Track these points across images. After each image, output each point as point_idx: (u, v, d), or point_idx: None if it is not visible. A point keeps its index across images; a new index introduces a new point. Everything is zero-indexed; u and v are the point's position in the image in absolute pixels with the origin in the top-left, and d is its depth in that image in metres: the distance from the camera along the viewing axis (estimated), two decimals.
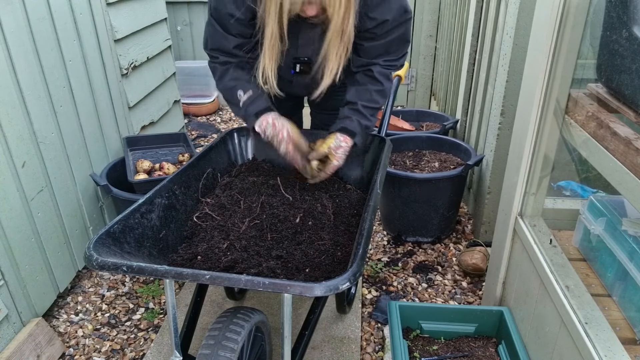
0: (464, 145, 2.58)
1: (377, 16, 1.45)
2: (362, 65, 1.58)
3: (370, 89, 1.57)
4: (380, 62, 1.56)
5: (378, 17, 1.45)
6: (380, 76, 1.56)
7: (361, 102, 1.55)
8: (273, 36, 1.38)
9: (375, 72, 1.56)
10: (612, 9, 1.21)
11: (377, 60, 1.56)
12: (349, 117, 1.55)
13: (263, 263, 1.29)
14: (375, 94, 1.57)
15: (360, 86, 1.58)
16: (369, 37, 1.51)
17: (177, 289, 2.24)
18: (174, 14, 4.61)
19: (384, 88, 1.58)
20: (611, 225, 1.52)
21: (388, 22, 1.47)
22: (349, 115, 1.56)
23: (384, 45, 1.53)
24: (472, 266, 2.25)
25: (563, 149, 1.60)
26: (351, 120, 1.55)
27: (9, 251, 1.77)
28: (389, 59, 1.57)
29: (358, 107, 1.55)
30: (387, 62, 1.57)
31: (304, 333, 1.44)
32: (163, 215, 1.43)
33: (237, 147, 1.84)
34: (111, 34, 2.49)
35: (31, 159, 1.89)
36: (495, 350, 1.67)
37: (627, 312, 1.41)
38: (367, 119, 1.56)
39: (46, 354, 1.84)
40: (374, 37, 1.51)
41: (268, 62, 1.44)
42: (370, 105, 1.57)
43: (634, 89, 1.12)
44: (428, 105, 4.36)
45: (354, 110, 1.56)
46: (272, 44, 1.40)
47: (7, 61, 1.77)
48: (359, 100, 1.56)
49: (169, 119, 3.34)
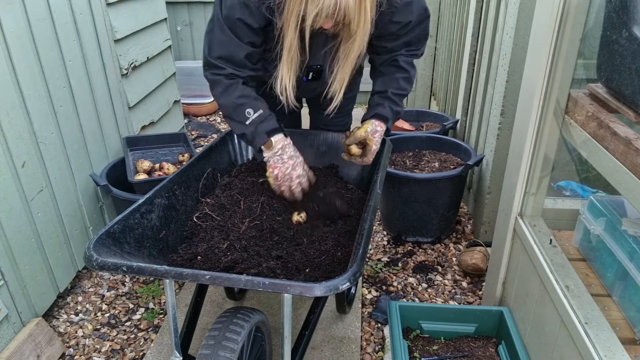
0: (464, 145, 2.58)
1: (401, 19, 1.49)
2: (384, 60, 1.63)
3: (397, 77, 1.62)
4: (403, 52, 1.61)
5: (402, 20, 1.49)
6: (405, 64, 1.62)
7: (391, 89, 1.61)
8: (292, 48, 1.36)
9: (401, 61, 1.61)
10: (612, 9, 1.21)
11: (400, 51, 1.61)
12: (381, 104, 1.61)
13: (263, 263, 1.29)
14: (402, 81, 1.62)
15: (387, 75, 1.63)
16: (392, 38, 1.55)
17: (177, 289, 2.24)
18: (174, 14, 4.61)
19: (410, 75, 1.64)
20: (611, 225, 1.52)
21: (411, 22, 1.51)
22: (381, 102, 1.61)
23: (406, 41, 1.58)
24: (472, 266, 2.25)
25: (563, 149, 1.60)
26: (383, 107, 1.60)
27: (9, 251, 1.77)
28: (411, 49, 1.62)
29: (388, 94, 1.61)
30: (409, 51, 1.62)
31: (304, 333, 1.44)
32: (163, 216, 1.43)
33: (237, 147, 1.84)
34: (111, 34, 2.49)
35: (31, 159, 1.89)
36: (495, 350, 1.67)
37: (627, 312, 1.41)
38: (398, 104, 1.63)
39: (46, 354, 1.84)
40: (397, 37, 1.55)
41: (286, 73, 1.42)
42: (399, 92, 1.62)
43: (634, 89, 1.12)
44: (428, 105, 4.36)
45: (385, 98, 1.61)
46: (291, 56, 1.38)
47: (7, 61, 1.77)
48: (389, 88, 1.61)
49: (169, 119, 3.34)
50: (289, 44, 1.35)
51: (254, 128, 1.47)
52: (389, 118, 1.61)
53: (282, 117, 2.00)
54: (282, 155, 1.50)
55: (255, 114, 1.47)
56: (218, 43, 1.46)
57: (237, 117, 1.48)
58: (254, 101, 1.49)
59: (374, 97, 1.65)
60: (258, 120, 1.47)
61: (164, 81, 3.20)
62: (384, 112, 1.60)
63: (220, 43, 1.45)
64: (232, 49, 1.44)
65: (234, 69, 1.47)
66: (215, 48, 1.46)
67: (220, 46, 1.46)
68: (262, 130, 1.47)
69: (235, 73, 1.47)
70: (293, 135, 1.82)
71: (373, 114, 1.60)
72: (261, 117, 1.48)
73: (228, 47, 1.45)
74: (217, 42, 1.46)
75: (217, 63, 1.47)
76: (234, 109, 1.48)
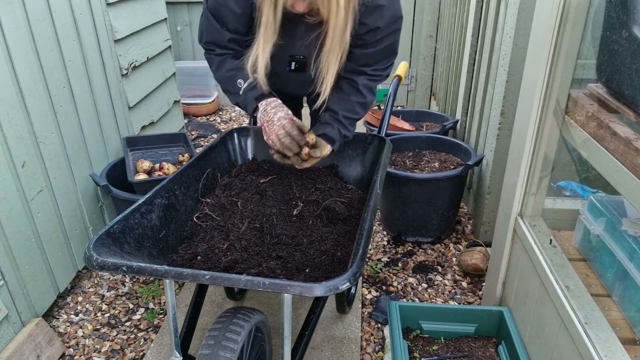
0: (464, 146, 2.58)
1: (370, 22, 1.45)
2: (349, 71, 1.58)
3: (352, 100, 1.58)
4: (367, 71, 1.57)
5: (370, 23, 1.45)
6: (364, 89, 1.58)
7: (342, 112, 1.57)
8: (268, 25, 1.38)
9: (360, 85, 1.57)
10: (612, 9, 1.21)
11: (364, 68, 1.56)
12: (331, 125, 1.57)
13: (263, 263, 1.29)
14: (357, 105, 1.59)
15: (344, 95, 1.59)
16: (359, 43, 1.51)
17: (177, 289, 2.24)
18: (174, 14, 4.61)
19: (366, 101, 1.60)
20: (611, 225, 1.52)
21: (379, 29, 1.47)
22: (330, 122, 1.58)
23: (373, 54, 1.54)
24: (472, 266, 2.25)
25: (563, 149, 1.60)
26: (332, 127, 1.57)
27: (9, 251, 1.77)
28: (377, 68, 1.58)
29: (339, 117, 1.58)
30: (374, 71, 1.58)
31: (304, 333, 1.44)
32: (163, 216, 1.43)
33: (237, 147, 1.84)
34: (111, 34, 2.49)
35: (31, 159, 1.89)
36: (495, 350, 1.67)
37: (627, 312, 1.41)
38: (347, 129, 1.59)
39: (46, 354, 1.84)
40: (364, 45, 1.51)
41: (261, 52, 1.44)
42: (350, 115, 1.59)
43: (634, 89, 1.12)
44: (428, 106, 4.36)
45: (335, 120, 1.58)
46: (266, 33, 1.40)
47: (7, 61, 1.77)
48: (340, 110, 1.58)
49: (169, 119, 3.34)
50: (265, 21, 1.38)
51: (244, 96, 1.54)
52: (336, 140, 1.56)
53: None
54: (267, 108, 1.51)
55: (245, 83, 1.53)
56: (205, 30, 1.57)
57: (232, 88, 1.56)
58: (244, 72, 1.52)
59: (325, 115, 1.60)
60: (248, 88, 1.53)
61: (164, 81, 3.20)
62: (331, 134, 1.56)
63: (206, 30, 1.57)
64: (216, 36, 1.55)
65: (222, 50, 1.58)
66: (204, 34, 1.58)
67: (207, 33, 1.57)
68: (251, 96, 1.53)
69: (223, 52, 1.58)
70: None
71: (320, 133, 1.56)
72: (250, 85, 1.53)
73: (212, 34, 1.55)
74: (205, 29, 1.57)
75: (207, 47, 1.60)
76: (227, 81, 1.56)
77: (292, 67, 1.62)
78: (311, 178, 1.69)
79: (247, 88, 1.53)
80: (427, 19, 4.05)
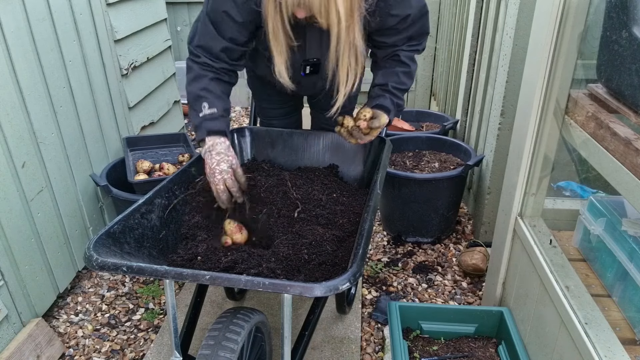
0: (464, 146, 2.58)
1: (400, 12, 1.48)
2: (386, 55, 1.62)
3: (397, 71, 1.61)
4: (404, 47, 1.60)
5: (400, 13, 1.48)
6: (406, 59, 1.61)
7: (391, 83, 1.60)
8: (274, 30, 1.37)
9: (402, 56, 1.60)
10: (612, 9, 1.21)
11: (401, 47, 1.60)
12: (382, 96, 1.60)
13: (263, 263, 1.28)
14: (403, 75, 1.61)
15: (388, 69, 1.62)
16: (391, 32, 1.54)
17: (177, 290, 2.24)
18: (174, 14, 4.61)
19: (411, 70, 1.63)
20: (611, 225, 1.52)
21: (409, 16, 1.51)
22: (382, 94, 1.60)
23: (407, 37, 1.58)
24: (472, 266, 2.25)
25: (563, 149, 1.60)
26: (385, 97, 1.59)
27: (9, 251, 1.77)
28: (411, 44, 1.61)
29: (389, 87, 1.60)
30: (410, 47, 1.62)
31: (304, 333, 1.44)
32: (163, 216, 1.43)
33: (237, 148, 1.84)
34: (111, 34, 2.49)
35: (31, 159, 1.89)
36: (495, 350, 1.67)
37: (627, 313, 1.41)
38: (399, 97, 1.61)
39: (46, 355, 1.84)
40: (397, 32, 1.55)
41: (278, 57, 1.43)
42: (399, 86, 1.61)
43: (634, 89, 1.12)
44: (428, 106, 4.36)
45: (386, 90, 1.60)
46: (275, 38, 1.39)
47: (7, 61, 1.77)
48: (389, 82, 1.60)
49: (169, 119, 3.34)
50: (272, 29, 1.37)
51: (200, 122, 1.50)
52: (391, 109, 1.59)
53: (283, 118, 2.01)
54: (212, 152, 1.46)
55: (208, 110, 1.49)
56: (200, 33, 1.52)
57: (195, 106, 1.51)
58: (214, 99, 1.50)
59: (374, 89, 1.63)
60: (208, 117, 1.49)
61: (164, 81, 3.20)
62: (385, 103, 1.58)
63: (201, 33, 1.52)
64: (209, 42, 1.50)
65: (209, 59, 1.51)
66: (197, 37, 1.52)
67: (200, 36, 1.52)
68: (205, 127, 1.49)
69: (208, 63, 1.51)
70: (293, 135, 1.83)
71: (375, 104, 1.59)
72: (212, 115, 1.49)
73: (206, 38, 1.50)
74: (199, 32, 1.52)
75: (195, 51, 1.53)
76: (194, 98, 1.51)
77: (306, 72, 1.62)
78: (311, 178, 1.69)
79: (207, 116, 1.48)
80: None
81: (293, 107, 2.02)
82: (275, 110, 1.98)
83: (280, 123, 2.00)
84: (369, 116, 1.56)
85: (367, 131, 1.56)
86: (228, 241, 1.39)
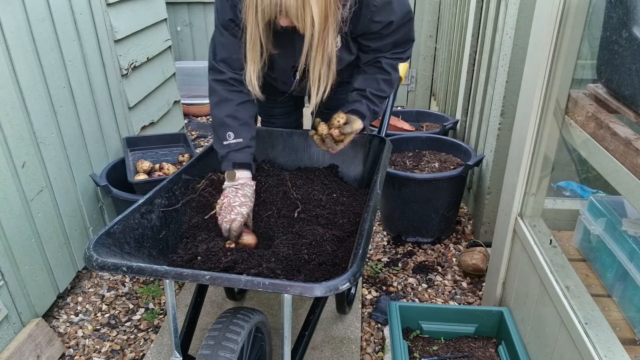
0: (464, 146, 2.58)
1: (383, 19, 1.48)
2: (369, 60, 1.62)
3: (378, 78, 1.60)
4: (387, 55, 1.60)
5: (383, 19, 1.48)
6: (388, 67, 1.60)
7: (370, 89, 1.59)
8: (253, 38, 1.37)
9: (384, 63, 1.60)
10: (612, 9, 1.21)
11: (384, 53, 1.60)
12: (359, 101, 1.59)
13: (263, 263, 1.28)
14: (382, 82, 1.61)
15: (368, 75, 1.62)
16: (375, 37, 1.54)
17: (177, 290, 2.24)
18: (174, 14, 4.61)
19: (391, 78, 1.62)
20: (611, 225, 1.52)
21: (393, 22, 1.50)
22: (358, 99, 1.59)
23: (390, 43, 1.57)
24: (472, 266, 2.25)
25: (563, 149, 1.60)
26: (361, 103, 1.58)
27: (9, 251, 1.77)
28: (395, 51, 1.61)
29: (367, 93, 1.59)
30: (394, 54, 1.61)
31: (304, 333, 1.44)
32: (163, 216, 1.43)
33: None
34: (111, 35, 2.49)
35: (31, 159, 1.89)
36: (495, 350, 1.67)
37: (627, 313, 1.41)
38: (375, 104, 1.60)
39: (46, 355, 1.84)
40: (381, 37, 1.54)
41: (250, 65, 1.42)
42: (378, 93, 1.60)
43: (634, 89, 1.12)
44: (428, 106, 4.36)
45: (363, 96, 1.59)
46: (252, 46, 1.39)
47: (7, 61, 1.77)
48: (367, 87, 1.59)
49: (169, 119, 3.34)
50: (251, 37, 1.36)
51: (226, 152, 1.50)
52: (366, 115, 1.57)
53: (283, 117, 2.01)
54: (239, 191, 1.46)
55: (234, 139, 1.49)
56: (219, 46, 1.51)
57: (219, 133, 1.51)
58: (240, 126, 1.50)
59: (352, 94, 1.62)
60: (234, 147, 1.49)
61: (164, 81, 3.20)
62: (361, 109, 1.57)
63: (221, 45, 1.50)
64: (231, 50, 1.48)
65: (234, 73, 1.50)
66: (218, 51, 1.51)
67: (222, 48, 1.50)
68: (231, 158, 1.49)
69: (235, 77, 1.50)
70: (293, 135, 1.83)
71: (350, 109, 1.57)
72: (238, 145, 1.49)
73: (227, 48, 1.49)
74: (218, 45, 1.51)
75: (219, 67, 1.51)
76: (220, 125, 1.51)
77: (296, 77, 1.61)
78: (311, 178, 1.69)
79: (233, 146, 1.49)
80: (427, 19, 4.05)
81: (293, 106, 2.02)
82: (276, 109, 1.98)
83: (280, 121, 2.00)
84: (342, 122, 1.53)
85: (340, 138, 1.54)
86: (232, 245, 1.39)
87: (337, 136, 1.53)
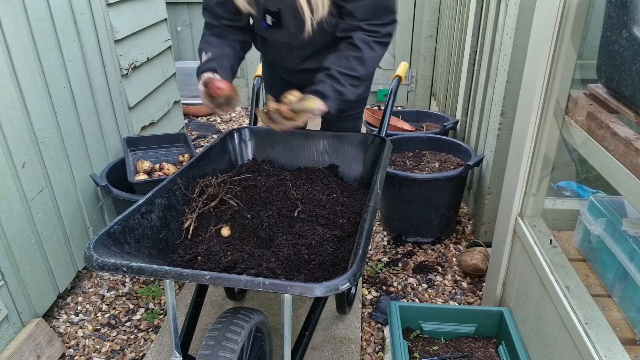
0: (464, 146, 2.58)
1: None
2: (345, 29, 1.56)
3: (348, 56, 1.53)
4: (362, 25, 1.53)
5: None
6: (360, 42, 1.53)
7: (336, 67, 1.52)
8: None
9: (355, 39, 1.54)
10: (612, 9, 1.21)
11: (359, 23, 1.53)
12: (322, 81, 1.51)
13: (263, 263, 1.29)
14: (353, 60, 1.53)
15: (339, 53, 1.56)
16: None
17: (177, 290, 2.24)
18: (174, 14, 4.61)
19: (363, 55, 1.53)
20: (611, 225, 1.52)
21: None
22: (323, 79, 1.52)
23: (365, 7, 1.51)
24: (472, 266, 2.25)
25: (563, 149, 1.60)
26: (324, 83, 1.50)
27: (9, 251, 1.77)
28: (372, 23, 1.53)
29: (332, 72, 1.52)
30: (370, 26, 1.53)
31: (304, 333, 1.44)
32: (163, 216, 1.43)
33: (237, 148, 1.84)
34: (111, 35, 2.50)
35: (31, 159, 1.89)
36: (495, 350, 1.67)
37: (627, 313, 1.41)
38: (341, 84, 1.51)
39: (46, 355, 1.84)
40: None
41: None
42: (346, 72, 1.52)
43: (634, 89, 1.12)
44: (428, 106, 4.36)
45: (328, 75, 1.52)
46: None
47: (7, 61, 1.77)
48: (334, 66, 1.52)
49: (169, 119, 3.34)
50: None
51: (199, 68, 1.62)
52: (329, 96, 1.48)
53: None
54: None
55: (205, 56, 1.63)
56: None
57: (201, 59, 1.66)
58: (211, 47, 1.64)
59: (319, 74, 1.54)
60: (205, 59, 1.62)
61: (164, 81, 3.20)
62: (323, 89, 1.48)
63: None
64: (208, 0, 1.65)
65: (210, 19, 1.68)
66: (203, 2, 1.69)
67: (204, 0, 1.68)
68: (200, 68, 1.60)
69: (211, 22, 1.68)
70: (293, 135, 1.83)
71: (312, 90, 1.49)
72: (208, 59, 1.61)
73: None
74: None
75: (203, 16, 1.70)
76: (199, 53, 1.68)
77: (268, 22, 1.58)
78: (311, 178, 1.69)
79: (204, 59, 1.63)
80: (427, 19, 4.05)
81: None
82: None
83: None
84: (294, 99, 1.44)
85: (290, 115, 1.43)
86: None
87: (286, 112, 1.44)
